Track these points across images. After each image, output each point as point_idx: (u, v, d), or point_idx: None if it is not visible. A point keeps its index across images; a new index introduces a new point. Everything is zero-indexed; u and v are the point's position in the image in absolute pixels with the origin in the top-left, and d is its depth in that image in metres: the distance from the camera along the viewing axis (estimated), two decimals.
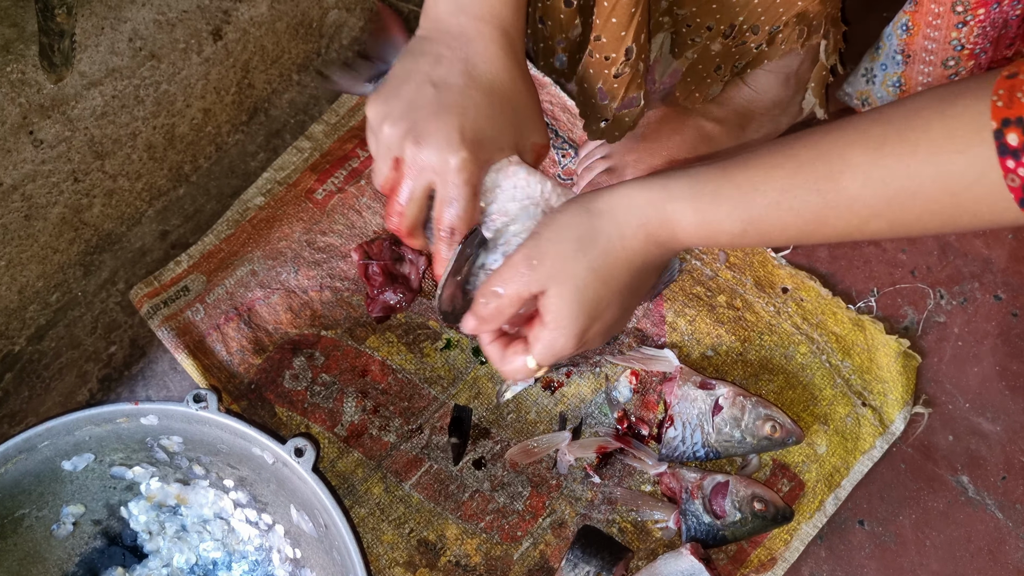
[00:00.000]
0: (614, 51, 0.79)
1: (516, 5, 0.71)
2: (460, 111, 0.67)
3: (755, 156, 0.63)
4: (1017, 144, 0.50)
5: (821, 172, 0.59)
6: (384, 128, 0.68)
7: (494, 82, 0.69)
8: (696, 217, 0.63)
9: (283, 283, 1.00)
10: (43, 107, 0.86)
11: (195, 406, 0.81)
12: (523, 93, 0.71)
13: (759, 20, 0.86)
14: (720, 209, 0.63)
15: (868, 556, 0.90)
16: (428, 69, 0.69)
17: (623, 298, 0.68)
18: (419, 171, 0.68)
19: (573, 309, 0.66)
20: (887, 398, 0.94)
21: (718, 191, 0.63)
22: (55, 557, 0.87)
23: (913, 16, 0.91)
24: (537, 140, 0.74)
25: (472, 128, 0.67)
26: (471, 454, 0.94)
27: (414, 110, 0.67)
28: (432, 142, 0.66)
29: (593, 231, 0.65)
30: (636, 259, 0.66)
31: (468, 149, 0.67)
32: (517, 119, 0.71)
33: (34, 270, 0.95)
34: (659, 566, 0.86)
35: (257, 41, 1.01)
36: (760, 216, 0.61)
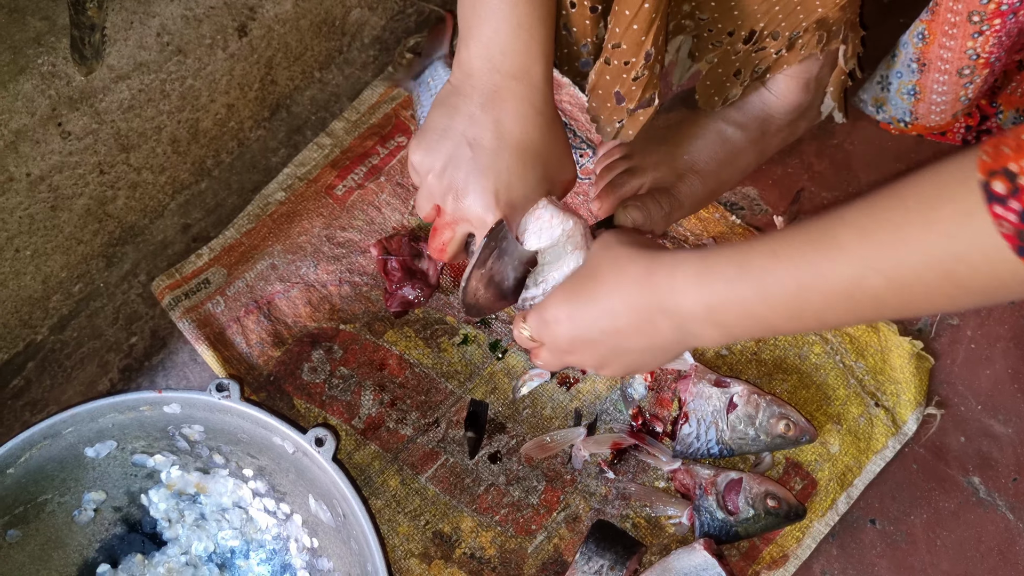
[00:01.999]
0: (634, 56, 0.80)
1: (545, 59, 0.75)
2: (494, 174, 0.74)
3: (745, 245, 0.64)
4: (1003, 192, 0.51)
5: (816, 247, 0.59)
6: (428, 179, 0.77)
7: (523, 142, 0.75)
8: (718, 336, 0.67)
9: (303, 277, 1.01)
10: (72, 99, 0.87)
11: (218, 395, 0.82)
12: (551, 144, 0.77)
13: (779, 26, 0.87)
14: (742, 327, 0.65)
15: (879, 555, 0.91)
16: (463, 128, 0.75)
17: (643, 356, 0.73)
18: (460, 221, 0.77)
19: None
20: (900, 399, 0.95)
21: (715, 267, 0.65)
22: (76, 543, 0.89)
23: (929, 25, 0.92)
24: (564, 178, 0.80)
25: (505, 190, 0.74)
26: (487, 448, 0.95)
27: (454, 168, 0.75)
28: (470, 202, 0.75)
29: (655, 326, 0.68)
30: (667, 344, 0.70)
31: (501, 209, 0.75)
32: (546, 171, 0.77)
33: (58, 260, 0.97)
34: (672, 561, 0.86)
35: (281, 38, 1.02)
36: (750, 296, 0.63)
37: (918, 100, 1.00)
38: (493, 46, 0.74)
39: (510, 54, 0.74)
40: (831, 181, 1.05)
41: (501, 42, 0.73)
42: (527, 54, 0.74)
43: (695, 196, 0.95)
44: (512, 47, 0.73)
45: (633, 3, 0.76)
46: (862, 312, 0.60)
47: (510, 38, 0.73)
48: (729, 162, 0.96)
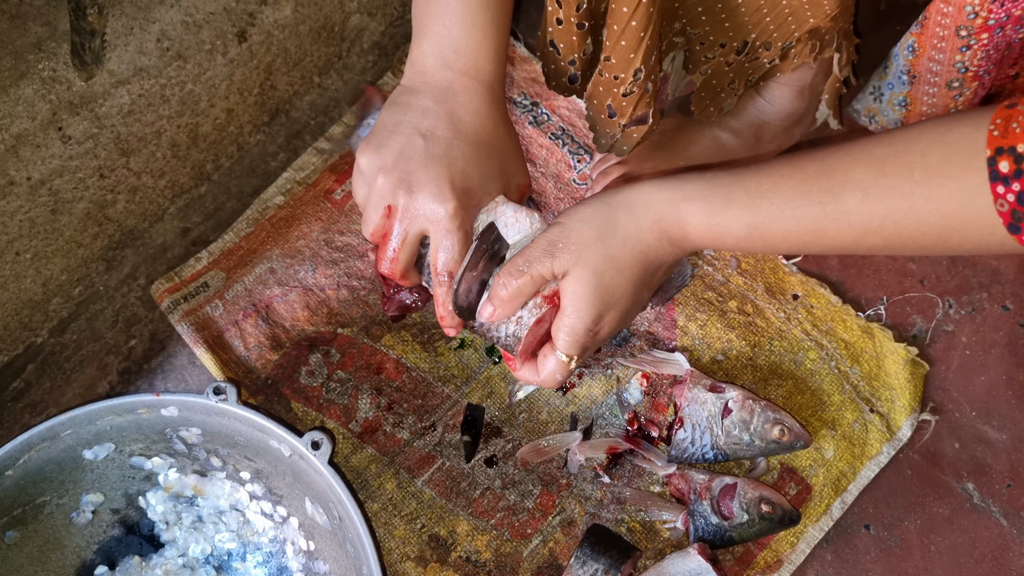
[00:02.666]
0: (623, 71, 0.81)
1: (497, 59, 0.75)
2: (448, 162, 0.71)
3: (767, 166, 0.66)
4: (1008, 171, 0.53)
5: (824, 185, 0.62)
6: (379, 178, 0.73)
7: (479, 132, 0.74)
8: (706, 218, 0.67)
9: (301, 281, 1.02)
10: (72, 104, 0.88)
11: (215, 398, 0.82)
12: (506, 140, 0.76)
13: (771, 37, 0.88)
14: (729, 212, 0.66)
15: (873, 560, 0.91)
16: (416, 121, 0.73)
17: (635, 289, 0.72)
18: (412, 219, 0.72)
19: (591, 292, 0.70)
20: (895, 405, 0.95)
21: (729, 195, 0.67)
22: (74, 544, 0.89)
23: (919, 38, 0.92)
24: (520, 181, 0.79)
25: (460, 178, 0.72)
26: (483, 452, 0.95)
27: (405, 160, 0.72)
28: (424, 192, 0.71)
29: (612, 221, 0.69)
30: (650, 252, 0.70)
31: (457, 198, 0.71)
32: (502, 165, 0.75)
33: (58, 263, 0.97)
34: (667, 565, 0.87)
35: (280, 44, 1.03)
36: (764, 222, 0.65)
37: (909, 111, 1.00)
38: (445, 43, 0.73)
39: (463, 52, 0.73)
40: None
41: (454, 40, 0.73)
42: (480, 52, 0.74)
43: None
44: (465, 45, 0.73)
45: (621, 18, 0.76)
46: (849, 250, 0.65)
47: (463, 36, 0.73)
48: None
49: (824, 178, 0.62)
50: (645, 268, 0.71)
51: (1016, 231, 0.55)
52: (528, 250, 0.72)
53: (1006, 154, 0.53)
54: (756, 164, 0.68)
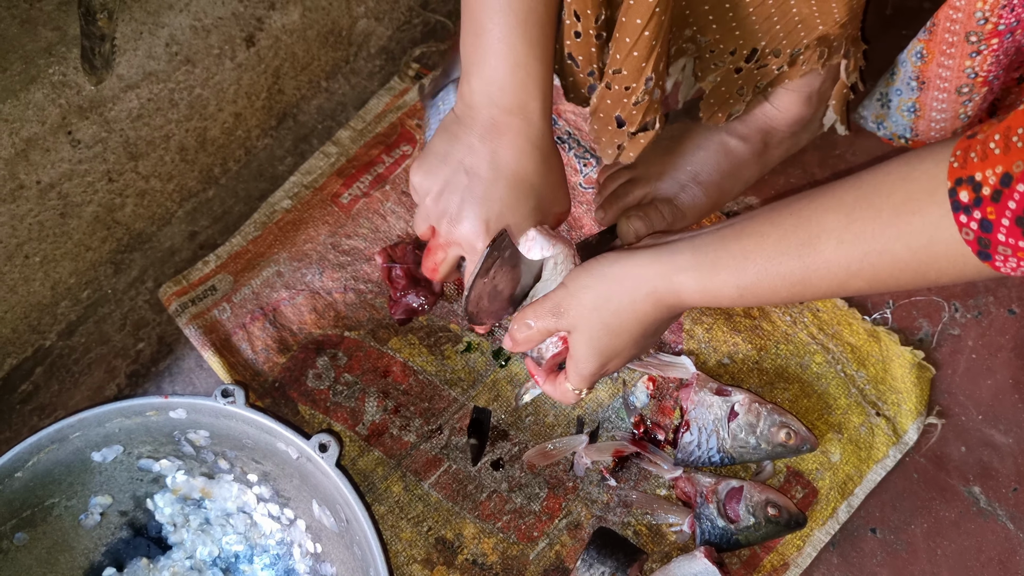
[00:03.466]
0: (634, 82, 0.82)
1: (542, 95, 0.78)
2: (487, 204, 0.78)
3: (749, 224, 0.69)
4: (968, 200, 0.54)
5: (802, 238, 0.65)
6: (426, 201, 0.81)
7: (517, 173, 0.79)
8: (698, 285, 0.71)
9: (308, 284, 1.02)
10: (82, 108, 0.88)
11: (223, 400, 0.83)
12: (545, 176, 0.80)
13: (781, 44, 0.88)
14: (718, 278, 0.70)
15: (880, 564, 0.91)
16: (462, 156, 0.79)
17: (635, 343, 0.78)
18: (451, 245, 0.81)
19: (589, 352, 0.78)
20: (901, 408, 0.95)
21: (716, 261, 0.70)
22: (82, 546, 0.89)
23: (927, 44, 0.93)
24: (558, 210, 0.84)
25: (496, 219, 0.78)
26: (489, 455, 0.95)
27: (450, 193, 0.79)
28: (463, 227, 0.79)
29: (608, 295, 0.75)
30: (646, 319, 0.76)
31: (491, 238, 0.78)
32: (539, 203, 0.81)
33: (67, 267, 0.98)
34: (673, 568, 0.87)
35: (288, 48, 1.04)
36: (753, 282, 0.68)
37: (918, 117, 1.00)
38: (492, 83, 0.77)
39: (508, 91, 0.77)
40: None
41: (499, 79, 0.76)
42: (524, 91, 0.77)
43: (697, 207, 0.96)
44: (510, 84, 0.76)
45: (633, 30, 0.77)
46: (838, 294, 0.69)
47: (508, 76, 0.76)
48: (732, 173, 0.97)
49: (801, 230, 0.65)
50: (644, 330, 0.77)
51: (986, 258, 0.56)
52: (538, 306, 0.79)
53: (965, 183, 0.54)
54: (740, 220, 0.71)
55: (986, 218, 0.54)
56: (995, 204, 0.53)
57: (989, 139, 0.54)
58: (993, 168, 0.53)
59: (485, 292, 0.76)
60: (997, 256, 0.56)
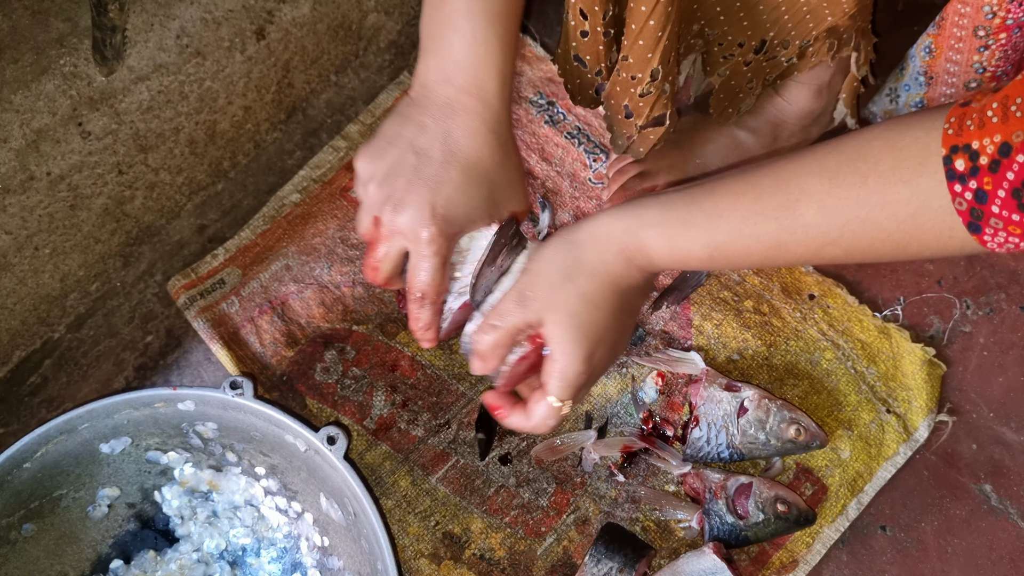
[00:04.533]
0: (640, 71, 0.81)
1: (501, 76, 0.74)
2: (435, 186, 0.72)
3: (722, 183, 0.66)
4: (964, 169, 0.52)
5: (780, 200, 0.62)
6: (369, 187, 0.74)
7: (470, 157, 0.73)
8: (667, 243, 0.67)
9: (316, 278, 1.02)
10: (92, 100, 0.88)
11: (231, 393, 0.83)
12: (501, 166, 0.75)
13: (790, 35, 0.88)
14: (688, 235, 0.66)
15: (889, 562, 0.91)
16: (412, 137, 0.73)
17: (617, 319, 0.72)
18: (394, 236, 0.73)
19: (573, 334, 0.70)
20: (911, 405, 0.95)
21: (686, 218, 0.66)
22: (90, 538, 0.89)
23: (936, 39, 0.92)
24: (514, 208, 0.78)
25: (444, 204, 0.72)
26: (497, 450, 0.95)
27: (395, 177, 0.72)
28: (407, 213, 0.72)
29: (577, 260, 0.69)
30: (621, 282, 0.70)
31: (437, 224, 0.72)
32: (492, 193, 0.75)
33: (76, 259, 0.98)
34: (681, 564, 0.86)
35: (298, 41, 1.03)
36: (724, 242, 0.65)
37: None
38: (448, 59, 0.73)
39: (464, 68, 0.73)
40: None
41: (456, 56, 0.72)
42: (483, 69, 0.73)
43: None
44: (467, 61, 0.72)
45: (639, 18, 0.76)
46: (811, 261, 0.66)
47: (465, 52, 0.72)
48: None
49: (780, 193, 0.62)
50: (620, 297, 0.70)
51: (976, 230, 0.55)
52: (501, 303, 0.72)
53: (961, 152, 0.53)
54: (711, 181, 0.67)
55: (982, 188, 0.52)
56: (992, 174, 0.51)
57: (986, 107, 0.52)
58: (991, 137, 0.51)
59: (492, 281, 0.76)
60: (987, 229, 0.54)
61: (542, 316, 0.70)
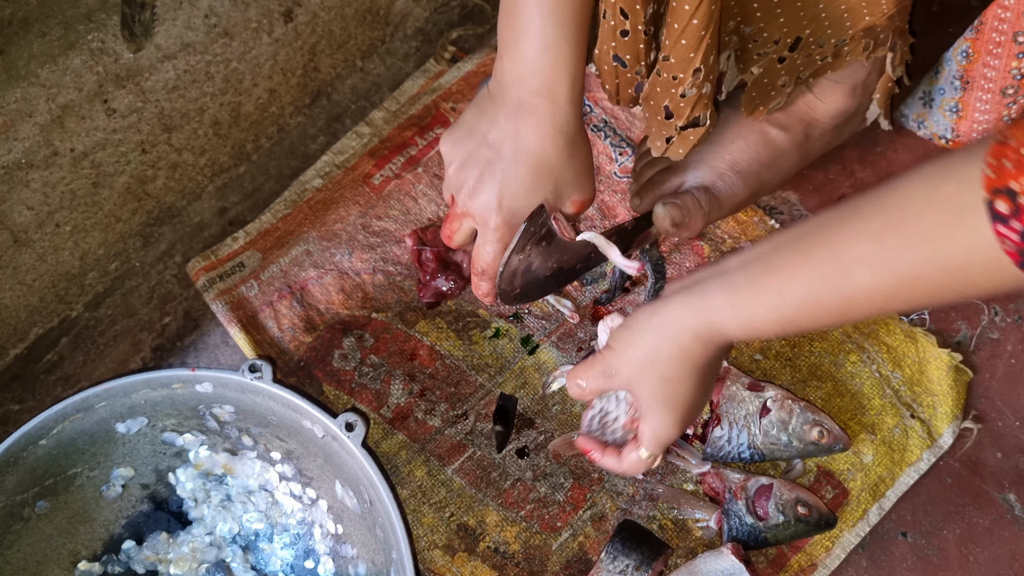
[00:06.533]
0: (682, 71, 0.80)
1: (571, 80, 0.78)
2: (503, 180, 0.79)
3: (776, 256, 0.68)
4: (1006, 211, 0.53)
5: (834, 268, 0.64)
6: (449, 170, 0.83)
7: (538, 155, 0.79)
8: (738, 324, 0.70)
9: (337, 264, 1.01)
10: (119, 77, 0.88)
11: (250, 376, 0.82)
12: (567, 162, 0.80)
13: (825, 34, 0.86)
14: (757, 316, 0.69)
15: (910, 568, 0.89)
16: (487, 131, 0.80)
17: (700, 386, 0.76)
18: (466, 216, 0.82)
19: (661, 407, 0.76)
20: (936, 411, 0.93)
21: (751, 301, 0.69)
22: (103, 518, 0.89)
23: (974, 43, 0.91)
24: (577, 197, 0.83)
25: (510, 198, 0.79)
26: (515, 443, 0.94)
27: (470, 166, 0.80)
28: (477, 201, 0.80)
29: (656, 348, 0.73)
30: (699, 360, 0.74)
31: (502, 216, 0.79)
32: (557, 187, 0.81)
33: (96, 237, 0.97)
34: (699, 564, 0.85)
35: (326, 25, 1.03)
36: (792, 315, 0.67)
37: (960, 118, 0.99)
38: (522, 63, 0.77)
39: (536, 73, 0.77)
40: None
41: (529, 61, 0.77)
42: (553, 73, 0.77)
43: (735, 196, 0.94)
44: (539, 66, 0.77)
45: (682, 17, 0.76)
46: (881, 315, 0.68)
47: (537, 57, 0.76)
48: (771, 164, 0.95)
49: (833, 261, 0.64)
50: (700, 372, 0.74)
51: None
52: (588, 367, 0.77)
53: (1002, 193, 0.53)
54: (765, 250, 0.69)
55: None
56: None
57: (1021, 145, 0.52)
58: None
59: (519, 269, 0.75)
60: None
61: (629, 388, 0.77)
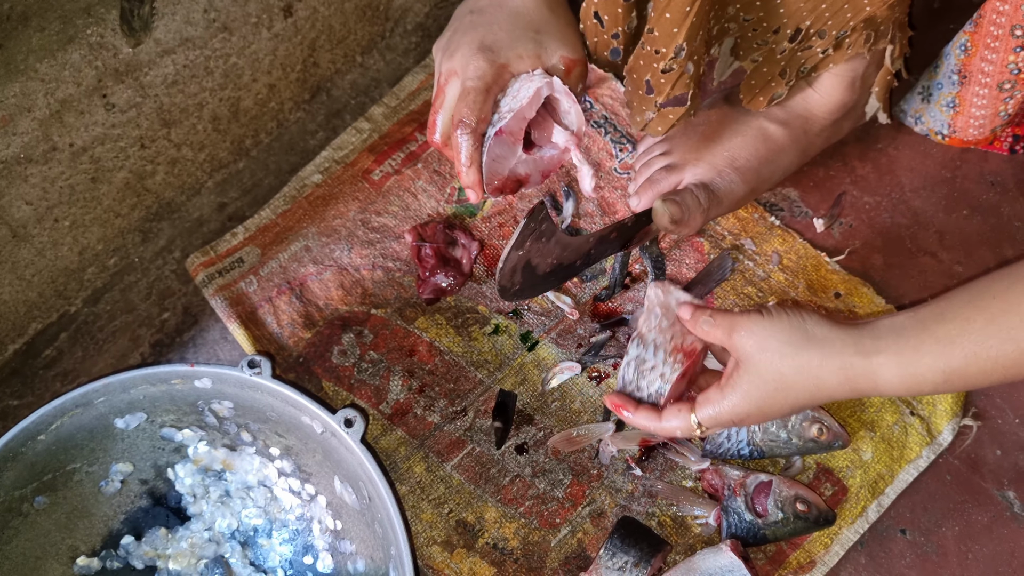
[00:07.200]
0: (664, 46, 0.80)
1: None
2: (484, 27, 0.80)
3: (949, 307, 0.68)
4: None
5: (1013, 323, 0.65)
6: (437, 56, 0.83)
7: (520, 7, 0.82)
8: (900, 370, 0.69)
9: (336, 260, 1.01)
10: (118, 71, 0.87)
11: (249, 371, 0.82)
12: (549, 17, 0.83)
13: (826, 25, 0.86)
14: (922, 362, 0.68)
15: (908, 566, 0.89)
16: (471, 4, 0.83)
17: (791, 409, 0.74)
18: (449, 79, 0.80)
19: (750, 399, 0.73)
20: (936, 408, 0.93)
21: (919, 346, 0.68)
22: (102, 513, 0.89)
23: (972, 37, 0.91)
24: (566, 53, 0.83)
25: (491, 38, 0.80)
26: (513, 439, 0.94)
27: (454, 35, 0.82)
28: (458, 53, 0.80)
29: (799, 349, 0.70)
30: (823, 390, 0.71)
31: (483, 53, 0.79)
32: (539, 35, 0.82)
33: (95, 233, 0.97)
34: (698, 560, 0.85)
35: (325, 20, 1.02)
36: (960, 367, 0.67)
37: (957, 113, 0.98)
38: None
39: None
40: (873, 185, 1.04)
41: None
42: None
43: (734, 194, 0.94)
44: None
45: None
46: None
47: None
48: (770, 160, 0.95)
49: (1010, 315, 0.65)
50: (811, 399, 0.72)
51: None
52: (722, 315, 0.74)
53: None
54: (937, 303, 0.69)
55: None
56: None
57: None
58: None
59: (519, 266, 0.75)
60: None
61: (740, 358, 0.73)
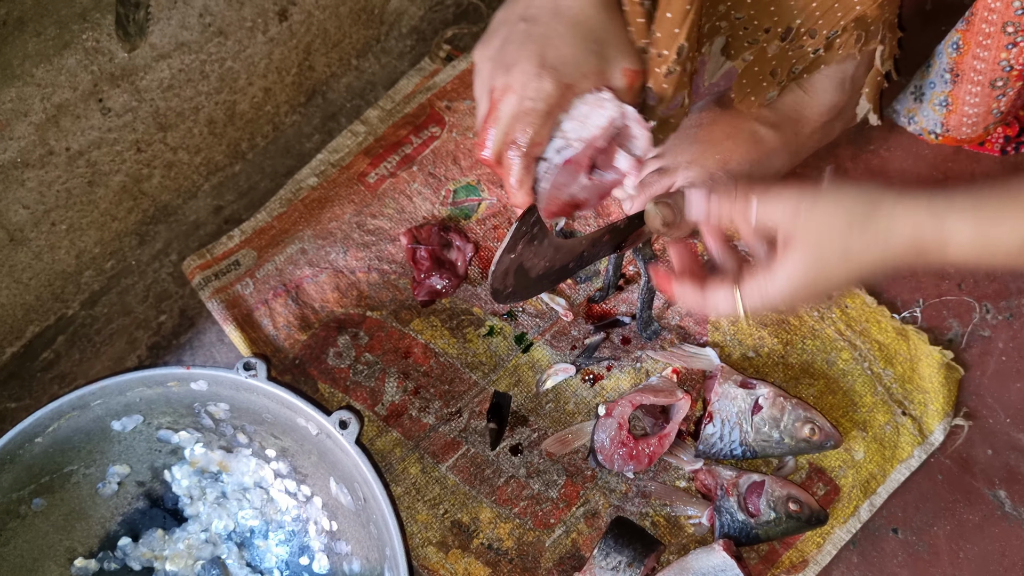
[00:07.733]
0: (666, 48, 0.80)
1: None
2: (544, 41, 0.73)
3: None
4: None
5: None
6: (485, 66, 0.75)
7: (578, 15, 0.74)
8: (975, 233, 0.65)
9: (332, 263, 1.02)
10: (113, 76, 0.88)
11: (245, 374, 0.82)
12: (608, 24, 0.76)
13: (817, 24, 0.87)
14: (1003, 226, 0.64)
15: (900, 565, 0.90)
16: (521, 11, 0.75)
17: (848, 281, 0.69)
18: (504, 93, 0.73)
19: (804, 279, 0.68)
20: (927, 408, 0.94)
21: (1001, 209, 0.64)
22: (99, 515, 0.89)
23: (964, 35, 0.91)
24: (627, 65, 0.78)
25: (553, 55, 0.73)
26: (508, 440, 0.95)
27: (506, 45, 0.74)
28: (517, 68, 0.73)
29: (868, 217, 0.66)
30: (888, 262, 0.67)
31: (547, 72, 0.72)
32: (601, 48, 0.76)
33: (92, 236, 0.98)
34: (691, 560, 0.86)
35: (320, 24, 1.03)
36: None
37: (950, 112, 0.99)
38: None
39: None
40: None
41: None
42: None
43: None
44: None
45: None
46: None
47: None
48: (761, 163, 0.96)
49: None
50: (875, 267, 0.68)
51: None
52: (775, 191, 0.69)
53: None
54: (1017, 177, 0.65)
55: None
56: None
57: None
58: None
59: (511, 268, 0.75)
60: None
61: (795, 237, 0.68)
